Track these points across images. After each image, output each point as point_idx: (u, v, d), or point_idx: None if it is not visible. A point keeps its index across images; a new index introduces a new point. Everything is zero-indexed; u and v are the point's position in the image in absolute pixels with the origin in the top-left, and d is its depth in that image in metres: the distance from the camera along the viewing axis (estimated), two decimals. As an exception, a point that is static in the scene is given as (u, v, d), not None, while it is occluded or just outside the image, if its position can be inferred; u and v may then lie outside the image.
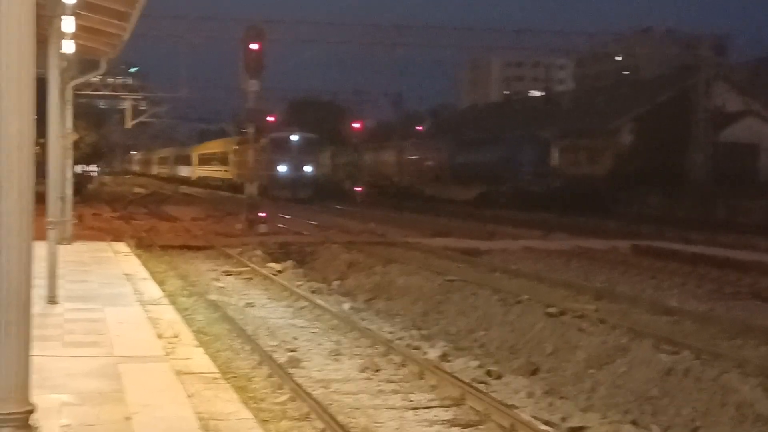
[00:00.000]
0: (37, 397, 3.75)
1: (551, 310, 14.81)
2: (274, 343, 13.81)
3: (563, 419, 10.47)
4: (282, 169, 57.80)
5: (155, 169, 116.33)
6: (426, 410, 10.34)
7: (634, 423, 10.38)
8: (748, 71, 63.40)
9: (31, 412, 3.59)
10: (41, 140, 20.19)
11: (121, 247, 23.86)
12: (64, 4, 13.65)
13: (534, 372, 12.69)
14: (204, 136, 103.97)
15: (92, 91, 58.14)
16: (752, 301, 17.75)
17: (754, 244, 26.91)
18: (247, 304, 17.69)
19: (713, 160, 49.97)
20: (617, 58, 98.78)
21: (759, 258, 23.15)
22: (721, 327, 14.29)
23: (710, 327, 14.33)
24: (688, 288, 19.52)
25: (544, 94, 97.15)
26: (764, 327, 14.37)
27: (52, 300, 13.49)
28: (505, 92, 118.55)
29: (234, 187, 61.41)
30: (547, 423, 10.03)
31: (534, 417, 10.21)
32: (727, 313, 16.13)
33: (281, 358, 12.54)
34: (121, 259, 20.82)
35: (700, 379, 10.80)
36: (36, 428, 3.91)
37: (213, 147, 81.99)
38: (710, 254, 24.29)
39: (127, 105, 74.90)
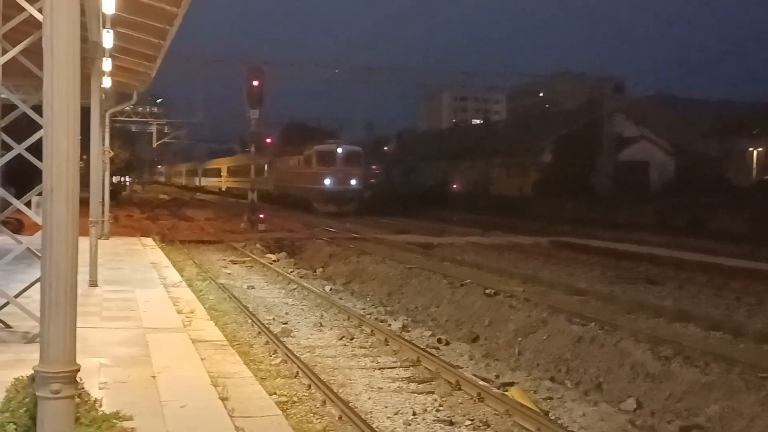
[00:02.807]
0: (80, 360, 3.73)
1: (488, 291, 14.88)
2: (270, 317, 13.81)
3: (497, 376, 10.57)
4: (328, 182, 44.17)
5: (183, 180, 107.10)
6: (390, 370, 10.40)
7: (552, 379, 10.48)
8: (641, 105, 64.01)
9: (77, 371, 3.58)
10: (85, 156, 20.05)
11: (149, 241, 23.71)
12: (103, 48, 13.56)
13: (474, 340, 12.77)
14: (215, 154, 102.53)
15: (126, 117, 57.69)
16: (644, 285, 17.93)
17: (646, 240, 27.19)
18: (249, 286, 17.64)
19: (614, 175, 50.45)
20: (540, 95, 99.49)
21: (649, 251, 23.42)
22: (620, 304, 14.45)
23: (611, 304, 14.50)
24: (594, 274, 19.69)
25: (482, 122, 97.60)
26: (653, 305, 14.55)
27: (93, 283, 13.39)
28: (453, 120, 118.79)
29: (269, 198, 50.76)
30: (484, 379, 10.12)
31: (474, 375, 10.30)
32: (625, 293, 16.30)
33: (276, 329, 12.55)
34: (148, 251, 20.67)
35: (603, 345, 10.90)
36: (80, 384, 3.89)
37: (245, 159, 66.35)
38: (612, 248, 24.52)
39: (153, 128, 74.43)
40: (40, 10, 8.71)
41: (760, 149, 59.89)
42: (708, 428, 8.31)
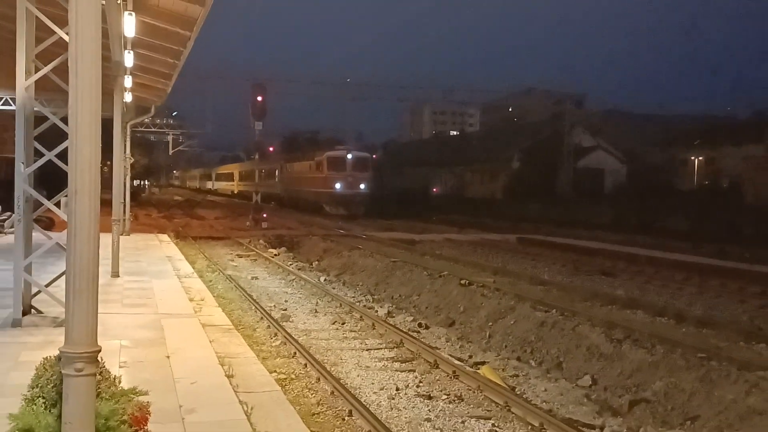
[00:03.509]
0: (102, 342, 3.69)
1: (463, 281, 14.90)
2: (272, 304, 13.76)
3: (470, 356, 10.58)
4: (338, 186, 40.28)
5: (197, 184, 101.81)
6: (376, 351, 10.38)
7: (518, 359, 10.51)
8: (598, 119, 64.29)
9: (98, 351, 3.55)
10: (108, 162, 19.94)
11: (164, 237, 23.60)
12: (125, 67, 13.49)
13: (451, 324, 12.78)
14: (224, 160, 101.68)
15: (145, 128, 57.17)
16: (598, 276, 18.04)
17: (601, 237, 27.32)
18: (253, 277, 17.58)
19: (574, 180, 50.67)
20: (510, 109, 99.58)
21: (604, 247, 23.52)
22: (578, 293, 14.53)
23: (570, 293, 14.56)
24: (555, 267, 19.78)
25: (459, 133, 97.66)
26: (607, 294, 14.63)
27: (115, 274, 13.33)
28: (433, 132, 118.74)
29: (279, 201, 48.45)
30: (459, 359, 10.13)
31: (450, 355, 10.31)
32: (582, 284, 16.39)
33: (276, 314, 12.52)
34: (164, 246, 20.58)
35: (563, 329, 10.95)
36: (101, 363, 3.86)
37: (254, 165, 59.52)
38: (571, 244, 24.63)
39: (169, 138, 73.87)
40: (68, 33, 8.66)
41: (700, 158, 60.40)
42: (654, 402, 8.36)
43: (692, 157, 60.82)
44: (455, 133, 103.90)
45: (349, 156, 41.56)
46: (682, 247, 23.58)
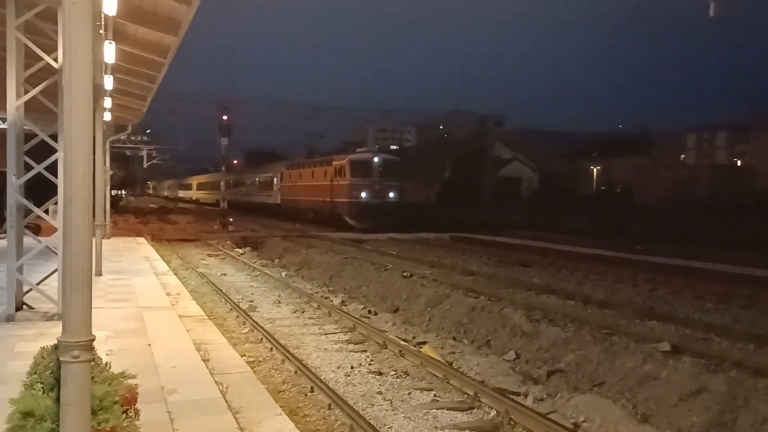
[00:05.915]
0: (93, 332, 3.59)
1: (405, 273, 14.98)
2: (240, 297, 13.56)
3: (413, 337, 10.63)
4: (364, 195, 29.89)
5: (176, 193, 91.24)
6: (333, 335, 10.35)
7: (454, 338, 10.61)
8: (515, 136, 65.63)
9: (92, 340, 3.45)
10: (90, 174, 19.28)
11: (142, 240, 22.97)
12: (105, 90, 13.14)
13: (396, 310, 12.82)
14: (193, 172, 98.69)
15: (122, 144, 55.44)
16: (518, 267, 18.34)
17: (518, 234, 27.82)
18: (222, 274, 17.29)
19: (495, 187, 51.52)
20: (440, 127, 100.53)
21: (521, 242, 23.99)
22: (502, 282, 14.75)
23: (495, 282, 14.79)
24: (482, 260, 20.04)
25: (398, 148, 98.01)
26: (525, 281, 14.86)
27: (98, 273, 12.93)
28: (376, 147, 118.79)
29: (279, 212, 39.44)
30: (404, 340, 10.17)
31: (396, 337, 10.33)
32: (505, 273, 16.62)
33: (244, 305, 12.34)
34: (142, 248, 20.02)
35: (491, 312, 11.11)
36: (94, 350, 3.75)
37: (247, 174, 49.21)
38: (494, 240, 25.02)
39: (144, 153, 71.76)
40: (55, 59, 8.38)
41: (598, 167, 62.34)
42: (567, 371, 8.56)
43: (591, 167, 62.73)
44: (395, 147, 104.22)
45: (376, 159, 30.66)
46: (584, 242, 24.21)
